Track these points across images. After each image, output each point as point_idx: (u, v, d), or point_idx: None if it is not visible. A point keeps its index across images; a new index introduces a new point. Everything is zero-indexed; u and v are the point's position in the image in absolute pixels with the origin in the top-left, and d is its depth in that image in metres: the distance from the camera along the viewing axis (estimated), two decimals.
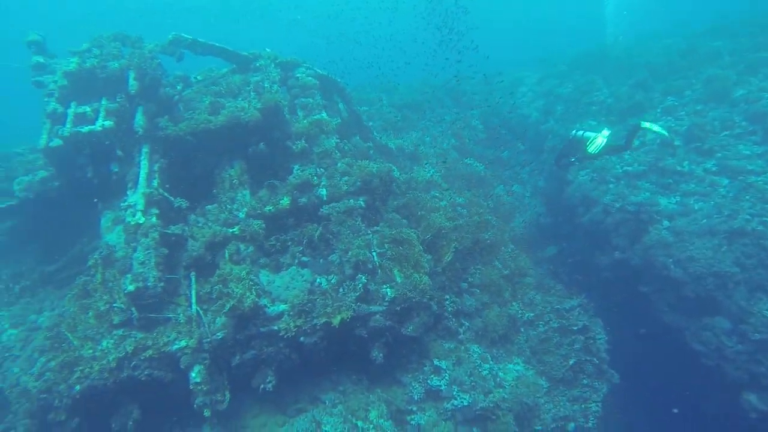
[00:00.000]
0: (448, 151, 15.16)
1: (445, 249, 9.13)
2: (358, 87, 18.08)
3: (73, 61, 9.15)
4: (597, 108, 14.43)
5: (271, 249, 7.85)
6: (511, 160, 16.40)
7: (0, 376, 7.95)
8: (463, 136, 16.44)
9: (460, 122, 16.92)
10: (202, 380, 6.42)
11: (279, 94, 9.20)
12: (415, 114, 17.12)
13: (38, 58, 9.43)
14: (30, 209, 10.04)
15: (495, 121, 17.49)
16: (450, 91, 18.85)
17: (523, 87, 18.73)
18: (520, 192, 15.09)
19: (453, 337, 8.56)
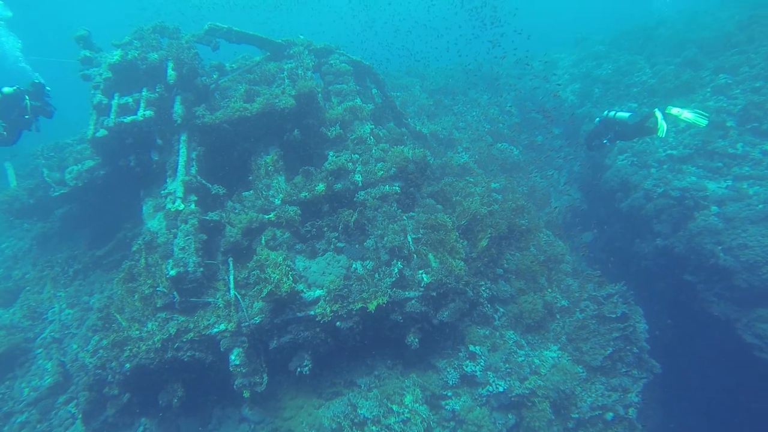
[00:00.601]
0: (481, 136, 14.90)
1: (480, 235, 9.02)
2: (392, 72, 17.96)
3: (116, 53, 9.41)
4: (638, 90, 13.83)
5: (306, 235, 7.93)
6: (545, 145, 16.00)
7: (62, 351, 8.57)
8: (497, 121, 16.12)
9: (494, 107, 16.58)
10: (241, 363, 6.61)
11: (313, 80, 9.21)
12: (448, 99, 16.88)
13: (85, 52, 9.77)
14: (80, 196, 10.53)
15: (529, 105, 17.06)
16: (484, 76, 18.47)
17: (559, 70, 18.15)
18: (555, 177, 14.74)
19: (488, 323, 8.49)
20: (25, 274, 10.87)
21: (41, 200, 10.90)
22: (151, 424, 7.36)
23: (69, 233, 11.24)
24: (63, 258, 10.63)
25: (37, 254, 11.31)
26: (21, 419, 7.95)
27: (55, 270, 10.38)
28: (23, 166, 12.30)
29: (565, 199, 13.75)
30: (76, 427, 7.56)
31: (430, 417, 7.14)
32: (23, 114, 8.64)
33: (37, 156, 11.89)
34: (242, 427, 7.18)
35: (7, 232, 12.82)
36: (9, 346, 8.72)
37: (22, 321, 9.38)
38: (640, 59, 14.99)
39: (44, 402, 8.03)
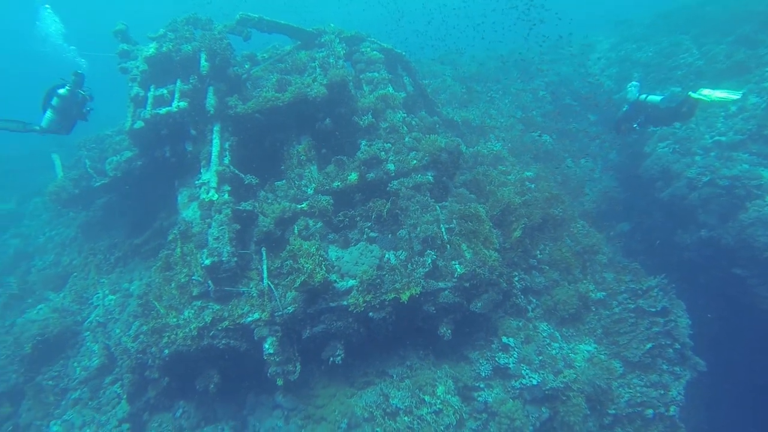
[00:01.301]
0: (514, 124, 14.55)
1: (514, 225, 8.85)
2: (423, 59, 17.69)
3: (151, 46, 9.58)
4: (683, 72, 13.13)
5: (339, 224, 7.92)
6: (580, 133, 15.50)
7: (106, 335, 8.98)
8: (530, 108, 15.71)
9: (527, 93, 16.13)
10: (274, 351, 6.71)
11: (344, 69, 9.14)
12: (480, 86, 16.52)
13: (123, 45, 9.99)
14: (119, 186, 10.87)
15: (563, 91, 16.53)
16: (516, 62, 17.98)
17: (595, 53, 17.49)
18: (590, 165, 14.28)
19: (521, 314, 8.35)
20: (72, 260, 11.41)
21: (85, 190, 11.31)
22: (189, 407, 7.63)
23: (109, 222, 11.68)
24: (105, 246, 11.07)
25: (81, 242, 11.81)
26: (75, 396, 8.50)
27: (98, 257, 10.83)
28: (68, 156, 12.76)
29: (600, 188, 13.32)
30: (122, 405, 7.94)
31: (462, 408, 7.10)
32: (81, 107, 9.00)
33: (80, 147, 12.33)
34: (276, 414, 7.33)
35: (56, 221, 13.46)
36: (62, 328, 9.28)
37: (71, 305, 9.91)
38: (685, 39, 14.18)
39: (93, 381, 8.52)
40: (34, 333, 8.99)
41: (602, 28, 19.93)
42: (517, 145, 13.37)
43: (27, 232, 14.27)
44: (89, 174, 11.39)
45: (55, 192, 11.20)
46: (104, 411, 8.09)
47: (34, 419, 8.42)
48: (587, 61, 17.06)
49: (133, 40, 10.54)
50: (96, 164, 11.55)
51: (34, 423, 8.39)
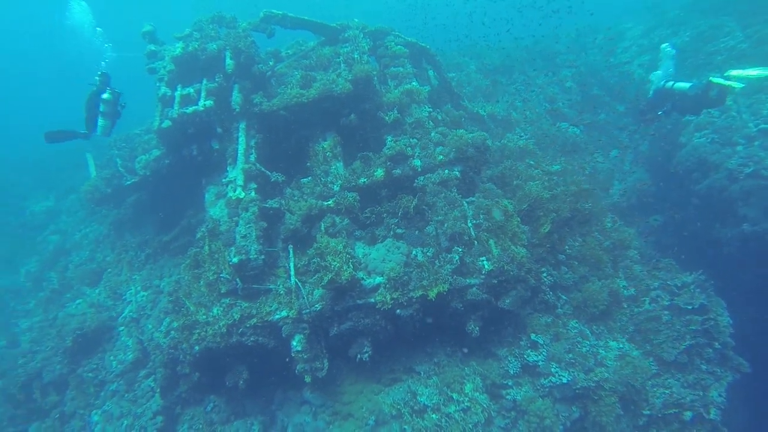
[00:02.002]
0: (540, 116, 14.24)
1: (542, 220, 8.67)
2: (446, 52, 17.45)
3: (178, 46, 9.72)
4: (724, 57, 12.40)
5: (366, 221, 7.90)
6: (609, 124, 15.07)
7: (139, 330, 9.26)
8: (556, 100, 15.34)
9: (553, 85, 15.75)
10: (302, 348, 6.75)
11: (369, 64, 9.08)
12: (505, 78, 16.22)
13: (151, 46, 10.16)
14: (148, 185, 11.10)
15: (591, 81, 16.06)
16: (542, 52, 17.57)
17: (625, 41, 16.88)
18: (620, 157, 13.87)
19: (550, 311, 8.19)
20: (105, 256, 11.79)
21: (116, 188, 11.60)
22: (220, 402, 7.79)
23: (140, 219, 11.98)
24: (135, 243, 11.38)
25: (114, 239, 12.16)
26: (112, 388, 8.86)
27: (130, 254, 11.13)
28: (101, 156, 13.11)
29: (630, 181, 12.93)
30: (156, 399, 8.18)
31: (490, 406, 7.03)
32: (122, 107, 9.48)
33: (112, 147, 12.65)
34: (303, 410, 7.40)
35: (90, 218, 13.90)
36: (98, 323, 9.64)
37: (106, 300, 10.29)
38: (728, 21, 13.44)
39: (129, 375, 8.85)
40: (74, 327, 9.39)
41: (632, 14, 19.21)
42: (544, 137, 13.08)
43: (64, 229, 14.80)
44: (120, 173, 11.68)
45: (89, 191, 11.53)
46: (140, 403, 8.35)
47: (78, 408, 8.84)
48: (616, 49, 16.49)
49: (161, 40, 10.71)
50: (126, 163, 11.84)
51: (77, 412, 8.81)
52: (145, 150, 11.86)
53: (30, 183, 19.13)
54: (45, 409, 9.09)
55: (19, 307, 12.55)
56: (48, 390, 9.17)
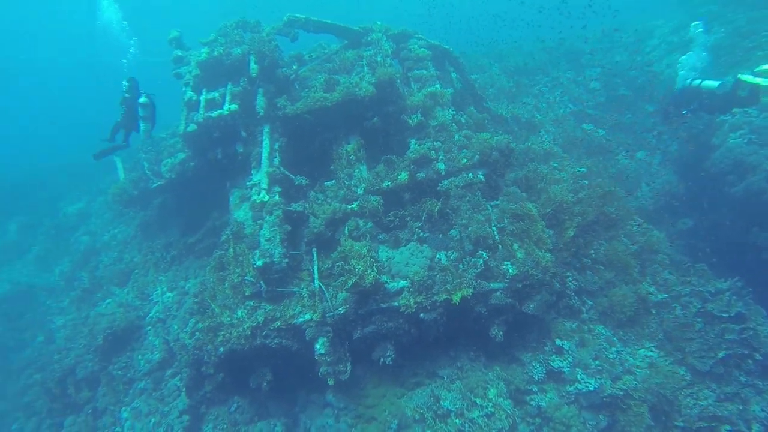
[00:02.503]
0: (564, 118, 14.01)
1: (567, 224, 8.54)
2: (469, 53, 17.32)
3: (203, 51, 9.87)
4: (765, 52, 11.82)
5: (389, 224, 7.90)
6: (635, 125, 14.71)
7: (166, 331, 9.46)
8: (581, 101, 15.07)
9: (578, 85, 15.47)
10: (326, 352, 6.78)
11: (392, 67, 9.08)
12: (528, 79, 16.03)
13: (177, 51, 10.35)
14: (173, 187, 11.31)
15: (617, 81, 15.71)
16: (566, 53, 17.28)
17: (654, 39, 16.45)
18: (647, 159, 13.52)
19: (575, 316, 8.04)
20: (133, 257, 12.08)
21: (143, 191, 11.86)
22: (244, 402, 7.87)
23: (165, 221, 12.22)
24: (161, 244, 11.61)
25: (141, 240, 12.45)
26: (141, 386, 9.09)
27: (156, 255, 11.36)
28: (128, 159, 13.43)
29: (659, 183, 12.58)
30: (182, 398, 8.32)
31: (514, 412, 6.94)
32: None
33: (139, 150, 12.92)
34: (326, 412, 7.43)
35: (118, 219, 14.29)
36: (127, 322, 9.90)
37: (134, 300, 10.55)
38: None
39: (156, 374, 9.05)
40: (105, 326, 9.68)
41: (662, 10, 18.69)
42: (569, 139, 12.88)
43: (94, 230, 15.25)
44: (147, 176, 11.94)
45: (117, 194, 11.84)
46: (167, 402, 8.52)
47: (109, 404, 9.11)
48: (644, 48, 16.07)
49: (187, 45, 10.91)
50: (153, 166, 12.10)
51: (108, 408, 9.08)
52: (170, 153, 12.12)
53: (63, 185, 19.79)
54: (78, 403, 9.42)
55: (54, 304, 13.02)
56: (81, 386, 9.48)
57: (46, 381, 9.84)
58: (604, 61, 15.65)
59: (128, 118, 9.43)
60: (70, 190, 19.12)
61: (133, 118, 9.40)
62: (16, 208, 19.20)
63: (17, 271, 15.39)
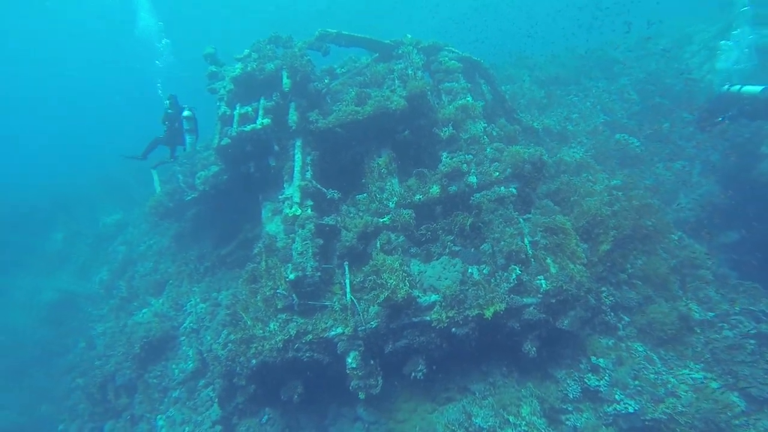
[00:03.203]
0: (597, 128, 13.72)
1: (602, 237, 8.31)
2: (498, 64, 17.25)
3: (237, 66, 10.13)
4: None
5: (421, 238, 7.88)
6: (672, 134, 14.27)
7: (199, 341, 9.67)
8: (614, 110, 14.73)
9: (611, 94, 15.14)
10: (357, 366, 6.77)
11: (423, 80, 9.09)
12: (560, 89, 15.79)
13: (212, 67, 10.65)
14: (207, 199, 11.59)
15: (652, 89, 15.29)
16: (598, 61, 16.97)
17: (693, 45, 15.94)
18: (686, 169, 13.07)
19: (612, 332, 7.80)
20: (167, 268, 12.40)
21: (178, 203, 12.21)
22: (275, 414, 7.92)
23: (199, 232, 12.53)
24: (195, 255, 11.89)
25: (175, 251, 12.79)
26: (175, 395, 9.30)
27: (190, 267, 11.65)
28: (164, 171, 13.86)
29: (699, 194, 12.13)
30: (214, 408, 8.46)
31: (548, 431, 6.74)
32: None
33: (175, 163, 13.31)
34: (356, 426, 7.40)
35: (153, 230, 14.75)
36: (162, 332, 10.21)
37: (169, 311, 10.83)
38: None
39: (189, 383, 9.25)
40: (141, 335, 9.99)
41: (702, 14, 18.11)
42: (602, 150, 12.60)
43: (131, 240, 15.79)
44: (182, 188, 12.30)
45: (153, 206, 12.23)
46: (200, 412, 8.68)
47: (145, 412, 9.37)
48: (682, 54, 15.59)
49: (221, 61, 11.22)
50: (187, 179, 12.46)
51: (145, 415, 9.34)
52: (204, 166, 12.45)
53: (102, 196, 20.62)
54: (117, 409, 9.75)
55: (94, 312, 13.52)
56: (120, 392, 9.80)
57: (88, 386, 10.23)
58: (638, 69, 15.25)
59: (171, 134, 9.71)
60: (108, 201, 19.90)
61: (177, 133, 9.67)
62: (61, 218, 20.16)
63: (62, 279, 16.11)
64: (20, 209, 21.99)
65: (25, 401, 12.56)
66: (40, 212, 21.43)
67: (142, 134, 11.41)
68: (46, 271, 17.41)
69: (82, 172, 25.44)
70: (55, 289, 15.72)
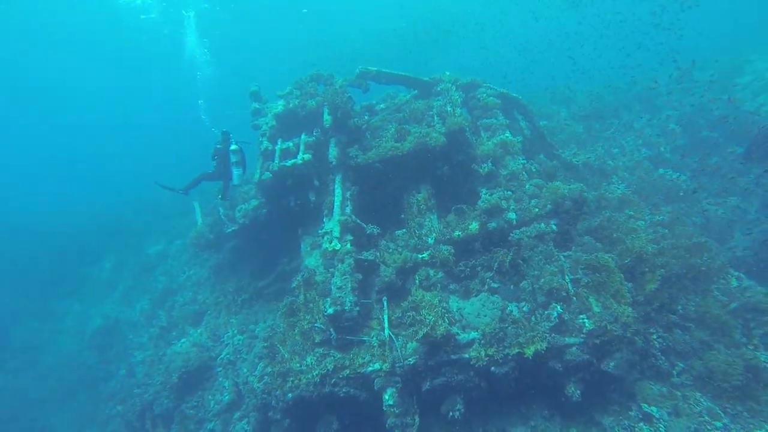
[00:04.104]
0: (639, 163, 13.39)
1: (648, 276, 7.96)
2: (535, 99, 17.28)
3: (279, 103, 10.56)
4: None
5: (460, 274, 7.80)
6: (722, 169, 13.71)
7: (235, 373, 9.69)
8: (657, 144, 14.37)
9: (653, 128, 14.81)
10: (394, 403, 6.62)
11: (462, 117, 9.20)
12: (598, 124, 15.61)
13: (255, 104, 11.13)
14: (247, 232, 11.88)
15: (700, 122, 14.85)
16: (639, 95, 16.73)
17: (746, 76, 15.44)
18: (741, 205, 12.45)
19: (664, 379, 7.32)
20: (206, 299, 12.65)
21: (218, 235, 12.57)
22: None
23: (237, 264, 12.81)
24: (233, 287, 12.12)
25: (213, 282, 13.09)
26: (210, 426, 9.34)
27: (228, 298, 11.86)
28: (206, 204, 14.39)
29: (759, 231, 11.47)
30: None
31: None
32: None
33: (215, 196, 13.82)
34: None
35: (193, 261, 15.18)
36: (200, 362, 10.34)
37: (207, 341, 10.96)
38: None
39: (225, 416, 9.25)
40: (180, 365, 10.13)
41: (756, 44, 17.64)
42: (645, 185, 12.26)
43: (171, 270, 16.28)
44: (222, 220, 12.69)
45: (195, 237, 12.64)
46: None
47: None
48: (732, 86, 15.11)
49: (264, 98, 11.71)
50: (228, 212, 12.86)
51: None
52: (244, 200, 12.83)
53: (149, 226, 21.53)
54: None
55: (135, 339, 13.90)
56: (157, 422, 9.93)
57: (127, 413, 10.42)
58: (683, 102, 14.89)
59: (220, 169, 9.96)
60: (153, 231, 20.73)
61: (226, 167, 9.88)
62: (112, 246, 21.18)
63: (107, 306, 16.74)
64: (77, 239, 23.29)
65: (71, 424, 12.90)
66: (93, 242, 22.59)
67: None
68: (94, 298, 18.19)
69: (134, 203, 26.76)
70: (101, 315, 16.34)
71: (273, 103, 11.12)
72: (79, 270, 20.62)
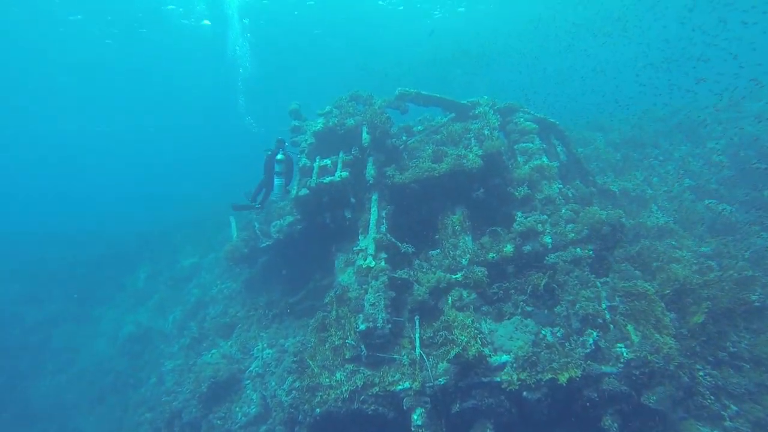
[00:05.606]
0: (681, 193, 12.99)
1: (693, 308, 7.63)
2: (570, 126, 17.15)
3: (319, 121, 10.83)
4: None
5: (493, 296, 7.69)
6: None
7: (263, 386, 9.73)
8: (701, 175, 13.93)
9: (696, 158, 14.38)
10: (422, 423, 6.46)
11: (499, 140, 9.23)
12: (636, 152, 15.30)
13: (295, 122, 11.46)
14: (280, 247, 12.07)
15: (749, 153, 14.32)
16: (681, 123, 16.34)
17: None
18: None
19: (715, 421, 6.82)
20: (237, 312, 12.85)
21: (252, 249, 12.80)
22: None
23: (269, 279, 12.98)
24: (264, 302, 12.26)
25: (245, 296, 13.29)
26: None
27: (258, 312, 12.01)
28: (241, 218, 14.73)
29: None
30: None
31: None
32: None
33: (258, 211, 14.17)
34: None
35: (225, 275, 15.49)
36: (229, 374, 10.39)
37: (236, 353, 11.06)
38: None
39: (251, 428, 9.26)
40: (209, 375, 10.22)
41: None
42: (687, 215, 11.84)
43: (204, 283, 16.66)
44: (257, 235, 12.95)
45: (230, 251, 12.92)
46: None
47: None
48: None
49: (303, 116, 12.05)
50: (263, 227, 13.13)
51: None
52: (279, 215, 13.10)
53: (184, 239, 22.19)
54: None
55: (166, 348, 14.17)
56: (185, 430, 9.96)
57: (156, 420, 10.54)
58: (731, 132, 14.42)
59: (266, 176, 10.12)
60: (188, 244, 21.33)
61: (270, 175, 10.03)
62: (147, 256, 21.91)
63: (141, 314, 17.22)
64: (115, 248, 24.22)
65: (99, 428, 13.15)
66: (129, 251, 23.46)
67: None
68: (129, 306, 18.76)
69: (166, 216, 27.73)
70: (134, 323, 16.80)
71: (312, 120, 11.41)
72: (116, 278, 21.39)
